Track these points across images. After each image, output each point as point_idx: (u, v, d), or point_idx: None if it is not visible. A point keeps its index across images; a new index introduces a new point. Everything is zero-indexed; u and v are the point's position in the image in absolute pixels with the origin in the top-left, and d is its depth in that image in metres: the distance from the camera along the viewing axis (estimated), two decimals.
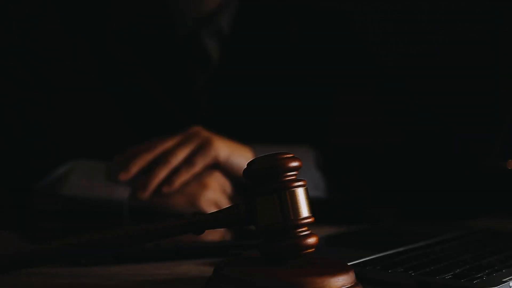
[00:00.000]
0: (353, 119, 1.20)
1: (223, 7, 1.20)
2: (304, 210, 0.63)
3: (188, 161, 1.01)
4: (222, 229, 0.82)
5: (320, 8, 1.28)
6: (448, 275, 0.67)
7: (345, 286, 0.60)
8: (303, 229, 0.63)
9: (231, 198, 1.05)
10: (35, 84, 1.13)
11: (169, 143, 1.02)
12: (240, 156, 1.04)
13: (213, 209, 0.98)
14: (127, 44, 1.17)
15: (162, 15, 1.18)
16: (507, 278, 0.66)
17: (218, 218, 0.66)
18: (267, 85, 1.21)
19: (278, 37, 1.24)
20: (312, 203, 0.64)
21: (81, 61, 1.15)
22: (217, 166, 1.04)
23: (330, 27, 1.27)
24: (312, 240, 0.63)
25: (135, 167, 1.01)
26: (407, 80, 1.40)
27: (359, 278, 0.63)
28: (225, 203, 1.03)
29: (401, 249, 0.81)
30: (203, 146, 1.02)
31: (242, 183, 1.04)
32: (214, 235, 0.88)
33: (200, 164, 1.02)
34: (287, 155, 0.64)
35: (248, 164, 0.64)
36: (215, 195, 1.03)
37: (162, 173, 1.00)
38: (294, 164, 0.63)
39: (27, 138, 1.11)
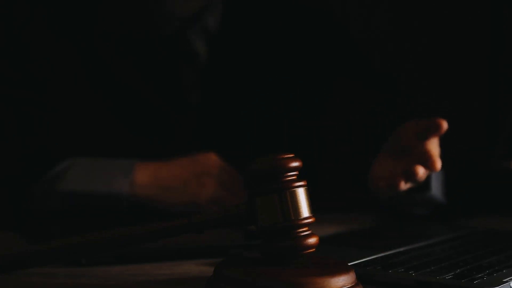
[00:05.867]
0: (345, 118, 1.20)
1: (210, 4, 1.20)
2: (305, 210, 0.63)
3: None
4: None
5: (309, 5, 1.27)
6: (449, 275, 0.67)
7: (346, 286, 0.60)
8: (304, 229, 0.63)
9: (234, 194, 1.05)
10: (27, 85, 1.13)
11: None
12: None
13: (214, 207, 0.99)
14: (114, 43, 1.16)
15: (149, 13, 1.18)
16: (508, 278, 0.66)
17: (219, 218, 0.66)
18: (256, 82, 1.21)
19: (266, 34, 1.24)
20: (312, 203, 0.64)
21: (72, 62, 1.14)
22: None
23: (320, 25, 1.27)
24: (312, 240, 0.63)
25: None
26: (406, 81, 1.40)
27: (359, 278, 0.63)
28: (227, 200, 1.03)
29: (401, 249, 0.81)
30: None
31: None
32: (214, 235, 0.88)
33: None
34: (288, 155, 0.64)
35: (248, 165, 0.64)
36: (215, 192, 1.04)
37: None
38: (295, 164, 0.63)
39: (24, 138, 1.11)
